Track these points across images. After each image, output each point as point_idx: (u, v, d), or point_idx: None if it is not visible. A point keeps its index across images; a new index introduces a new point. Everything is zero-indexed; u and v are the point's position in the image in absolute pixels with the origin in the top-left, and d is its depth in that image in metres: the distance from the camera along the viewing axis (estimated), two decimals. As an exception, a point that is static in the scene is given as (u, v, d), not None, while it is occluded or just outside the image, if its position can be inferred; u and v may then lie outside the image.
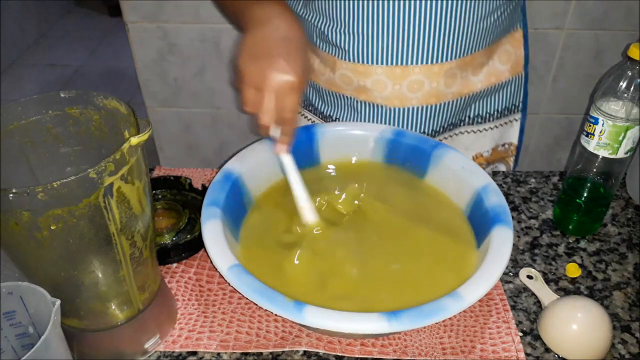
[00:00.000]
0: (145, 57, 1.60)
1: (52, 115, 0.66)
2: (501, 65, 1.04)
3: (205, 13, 1.51)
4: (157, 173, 1.03)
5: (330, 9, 0.93)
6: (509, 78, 1.07)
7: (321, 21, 0.96)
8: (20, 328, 0.64)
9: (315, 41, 1.00)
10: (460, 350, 0.74)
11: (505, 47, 1.04)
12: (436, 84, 0.96)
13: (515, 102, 1.11)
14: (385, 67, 0.95)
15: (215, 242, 0.72)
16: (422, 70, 0.94)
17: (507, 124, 1.12)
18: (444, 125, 1.04)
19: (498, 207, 0.78)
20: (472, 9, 0.90)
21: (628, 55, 0.78)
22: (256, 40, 0.76)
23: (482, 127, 1.10)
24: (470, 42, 0.94)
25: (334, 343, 0.74)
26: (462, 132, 1.09)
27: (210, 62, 1.60)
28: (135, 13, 1.51)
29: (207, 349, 0.74)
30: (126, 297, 0.68)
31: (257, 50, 0.75)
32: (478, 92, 1.03)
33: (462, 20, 0.90)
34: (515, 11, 1.01)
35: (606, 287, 0.83)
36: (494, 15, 0.94)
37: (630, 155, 0.83)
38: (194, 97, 1.68)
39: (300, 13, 0.99)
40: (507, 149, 1.15)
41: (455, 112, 1.03)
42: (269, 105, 0.74)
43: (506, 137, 1.14)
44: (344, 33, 0.94)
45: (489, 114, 1.09)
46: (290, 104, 0.75)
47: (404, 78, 0.95)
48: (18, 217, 0.54)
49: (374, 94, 0.98)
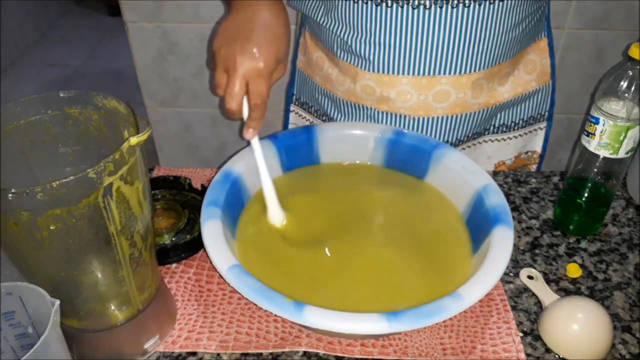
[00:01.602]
0: (145, 56, 1.60)
1: (51, 115, 0.66)
2: (527, 75, 1.03)
3: (204, 13, 1.51)
4: (156, 173, 1.03)
5: (355, 19, 0.91)
6: (536, 87, 1.06)
7: (344, 31, 0.94)
8: (19, 328, 0.64)
9: (335, 51, 0.99)
10: (460, 350, 0.74)
11: (530, 57, 1.03)
12: (463, 94, 0.95)
13: (541, 111, 1.10)
14: (411, 77, 0.94)
15: (215, 243, 0.72)
16: (450, 80, 0.93)
17: (532, 132, 1.12)
18: (468, 134, 1.03)
19: (499, 207, 0.78)
20: (501, 19, 0.89)
21: (629, 55, 0.78)
22: (236, 24, 0.77)
23: (506, 136, 1.09)
24: (498, 52, 0.93)
25: (334, 343, 0.74)
26: (486, 141, 1.09)
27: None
28: (135, 13, 1.52)
29: (207, 350, 0.74)
30: (126, 298, 0.68)
31: (234, 33, 0.76)
32: (504, 103, 1.03)
33: (491, 30, 0.89)
34: (540, 20, 1.00)
35: (607, 287, 0.83)
36: (522, 25, 0.93)
37: (631, 155, 0.83)
38: (193, 97, 1.69)
39: (321, 22, 0.97)
40: (530, 157, 1.14)
41: (481, 122, 1.03)
42: (236, 90, 0.75)
43: (530, 145, 1.13)
44: (369, 43, 0.93)
45: (515, 123, 1.08)
46: (259, 90, 0.76)
47: (430, 89, 0.94)
48: (17, 217, 0.54)
49: (397, 105, 0.97)
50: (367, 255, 0.80)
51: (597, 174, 0.86)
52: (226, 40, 0.77)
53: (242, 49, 0.75)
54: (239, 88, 0.75)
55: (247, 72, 0.75)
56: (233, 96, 0.76)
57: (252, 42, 0.75)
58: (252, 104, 0.77)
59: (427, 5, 0.86)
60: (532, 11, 0.93)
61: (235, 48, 0.75)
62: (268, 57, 0.75)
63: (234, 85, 0.75)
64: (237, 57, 0.75)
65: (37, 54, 3.66)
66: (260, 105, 0.77)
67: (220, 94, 0.78)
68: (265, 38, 0.76)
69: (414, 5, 0.86)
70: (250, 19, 0.77)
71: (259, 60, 0.75)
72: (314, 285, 0.75)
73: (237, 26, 0.77)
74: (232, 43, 0.76)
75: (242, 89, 0.76)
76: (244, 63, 0.75)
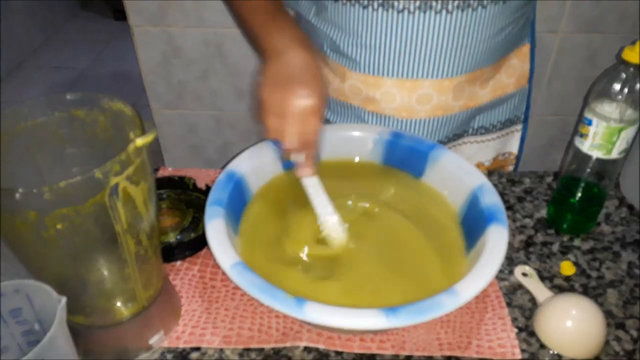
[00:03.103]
0: (150, 60, 1.61)
1: (58, 117, 0.67)
2: (507, 78, 1.05)
3: (209, 17, 1.52)
4: (161, 173, 1.04)
5: (343, 21, 0.93)
6: (514, 90, 1.08)
7: (333, 32, 0.96)
8: (26, 325, 0.64)
9: (325, 50, 1.01)
10: (457, 346, 0.75)
11: (512, 61, 1.05)
12: (445, 97, 0.97)
13: (518, 113, 1.12)
14: (395, 80, 0.95)
15: (218, 241, 0.73)
16: (432, 84, 0.95)
17: (509, 134, 1.14)
18: (448, 136, 1.04)
19: (493, 206, 0.79)
20: (484, 26, 0.90)
21: (622, 58, 0.79)
22: (277, 71, 0.77)
23: (485, 138, 1.11)
24: (481, 58, 0.95)
25: (334, 338, 0.75)
26: (466, 143, 1.10)
27: (213, 66, 1.62)
28: (140, 17, 1.53)
29: (210, 345, 0.75)
30: (131, 294, 0.68)
31: (278, 79, 0.77)
32: (483, 105, 1.04)
33: (474, 36, 0.91)
34: (524, 27, 1.01)
35: (600, 284, 0.84)
36: (505, 31, 0.94)
37: (624, 156, 0.84)
38: (197, 99, 1.70)
39: (313, 21, 0.99)
40: (507, 158, 1.16)
41: (461, 124, 1.04)
42: (293, 130, 0.75)
43: (507, 146, 1.15)
44: (356, 45, 0.94)
45: (493, 125, 1.10)
46: (313, 127, 0.76)
47: (413, 91, 0.96)
48: (25, 216, 0.55)
49: (382, 105, 0.99)
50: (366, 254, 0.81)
51: (590, 174, 0.87)
52: (273, 86, 0.77)
53: (292, 91, 0.75)
54: (295, 127, 0.76)
55: (301, 111, 0.75)
56: (292, 135, 0.76)
57: (300, 83, 0.76)
58: (309, 141, 0.78)
59: (411, 9, 0.87)
60: (516, 18, 0.94)
61: (285, 92, 0.75)
62: (318, 93, 0.76)
63: (290, 125, 0.75)
64: (289, 99, 0.75)
65: (44, 56, 3.66)
66: (316, 142, 0.78)
67: (272, 138, 0.79)
68: (310, 78, 0.77)
69: (399, 9, 0.88)
70: (290, 63, 0.77)
71: (311, 98, 0.75)
72: (315, 281, 0.76)
73: (280, 72, 0.77)
74: (281, 88, 0.76)
75: (298, 128, 0.76)
76: (297, 103, 0.75)
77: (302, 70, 0.77)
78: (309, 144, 0.78)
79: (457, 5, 0.87)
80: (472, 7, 0.87)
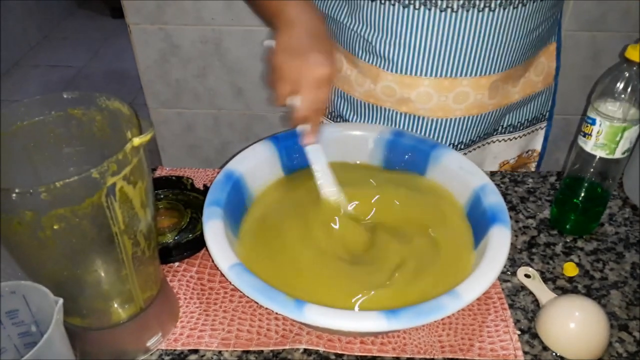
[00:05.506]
0: (148, 58, 1.61)
1: (54, 116, 0.66)
2: (535, 76, 1.06)
3: (206, 15, 1.52)
4: (159, 173, 1.03)
5: (380, 20, 0.93)
6: (541, 89, 1.08)
7: (367, 31, 0.96)
8: (22, 327, 0.64)
9: (357, 52, 1.00)
10: (458, 348, 0.74)
11: (541, 59, 1.05)
12: (481, 95, 0.97)
13: (543, 111, 1.13)
14: (432, 79, 0.95)
15: (217, 241, 0.73)
16: (470, 82, 0.95)
17: (534, 132, 1.15)
18: (480, 134, 1.05)
19: (496, 207, 0.79)
20: (523, 22, 0.91)
21: (625, 57, 0.78)
22: (290, 40, 0.80)
23: (512, 136, 1.12)
24: (517, 55, 0.95)
25: (334, 341, 0.75)
26: (494, 141, 1.11)
27: (211, 64, 1.61)
28: (138, 15, 1.52)
29: (209, 347, 0.74)
30: (128, 296, 0.68)
31: (292, 47, 0.80)
32: (514, 103, 1.05)
33: (513, 33, 0.91)
34: (554, 24, 1.02)
35: (603, 286, 0.83)
36: (539, 29, 0.95)
37: (627, 156, 0.84)
38: (195, 98, 1.69)
39: (344, 21, 0.99)
40: (531, 155, 1.17)
41: (493, 122, 1.05)
42: (306, 97, 0.79)
43: (531, 144, 1.16)
44: (392, 44, 0.94)
45: (520, 123, 1.11)
46: (324, 95, 0.80)
47: (451, 90, 0.96)
48: (21, 216, 0.54)
49: (417, 106, 0.99)
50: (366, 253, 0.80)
51: (594, 174, 0.86)
52: (287, 54, 0.79)
53: (306, 59, 0.78)
54: (311, 95, 0.79)
55: (316, 79, 0.78)
56: (306, 103, 0.79)
57: (315, 52, 0.78)
58: (318, 109, 0.81)
59: (455, 8, 0.87)
60: (549, 15, 0.96)
61: (300, 60, 0.78)
62: (332, 62, 0.79)
63: (306, 93, 0.78)
64: (304, 67, 0.78)
65: (40, 55, 3.67)
66: (323, 110, 0.81)
67: (280, 105, 0.81)
68: (324, 46, 0.80)
69: (442, 8, 0.88)
70: (302, 32, 0.80)
71: (325, 66, 0.78)
72: (315, 283, 0.76)
73: (294, 40, 0.80)
74: (296, 57, 0.79)
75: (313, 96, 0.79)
76: (313, 71, 0.78)
77: (316, 39, 0.80)
78: (318, 112, 0.81)
79: (500, 3, 0.87)
80: (514, 4, 0.88)
